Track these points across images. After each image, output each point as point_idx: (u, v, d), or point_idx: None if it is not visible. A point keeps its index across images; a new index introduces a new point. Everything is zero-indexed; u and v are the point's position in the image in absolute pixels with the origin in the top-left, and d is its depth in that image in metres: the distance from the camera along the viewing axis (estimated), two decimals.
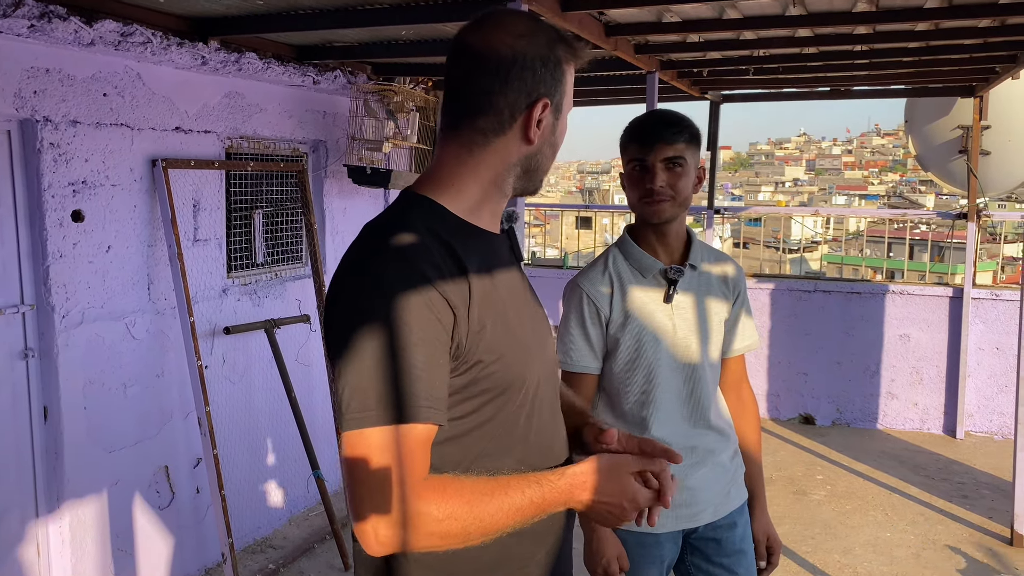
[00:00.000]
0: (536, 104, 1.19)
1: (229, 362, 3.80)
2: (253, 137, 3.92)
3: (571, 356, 1.96)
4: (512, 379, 1.18)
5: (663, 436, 1.90)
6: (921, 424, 5.83)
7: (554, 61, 1.21)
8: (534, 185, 1.28)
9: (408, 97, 4.36)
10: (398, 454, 1.04)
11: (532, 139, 1.21)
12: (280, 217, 4.18)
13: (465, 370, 1.13)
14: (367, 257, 1.12)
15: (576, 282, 1.97)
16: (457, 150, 1.22)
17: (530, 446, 1.23)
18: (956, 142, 5.65)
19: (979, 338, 5.65)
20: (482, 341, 1.13)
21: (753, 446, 2.08)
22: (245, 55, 3.51)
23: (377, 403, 1.04)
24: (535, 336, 1.28)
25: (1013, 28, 3.39)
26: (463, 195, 1.21)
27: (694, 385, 1.92)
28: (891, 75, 4.83)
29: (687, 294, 1.93)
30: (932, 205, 53.07)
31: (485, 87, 1.19)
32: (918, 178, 71.29)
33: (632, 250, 1.94)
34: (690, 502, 1.93)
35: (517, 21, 1.22)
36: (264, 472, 4.07)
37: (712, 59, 4.31)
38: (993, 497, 4.64)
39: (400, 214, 1.19)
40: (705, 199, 6.40)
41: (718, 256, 2.03)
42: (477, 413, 1.16)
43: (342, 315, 1.10)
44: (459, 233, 1.18)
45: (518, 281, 1.29)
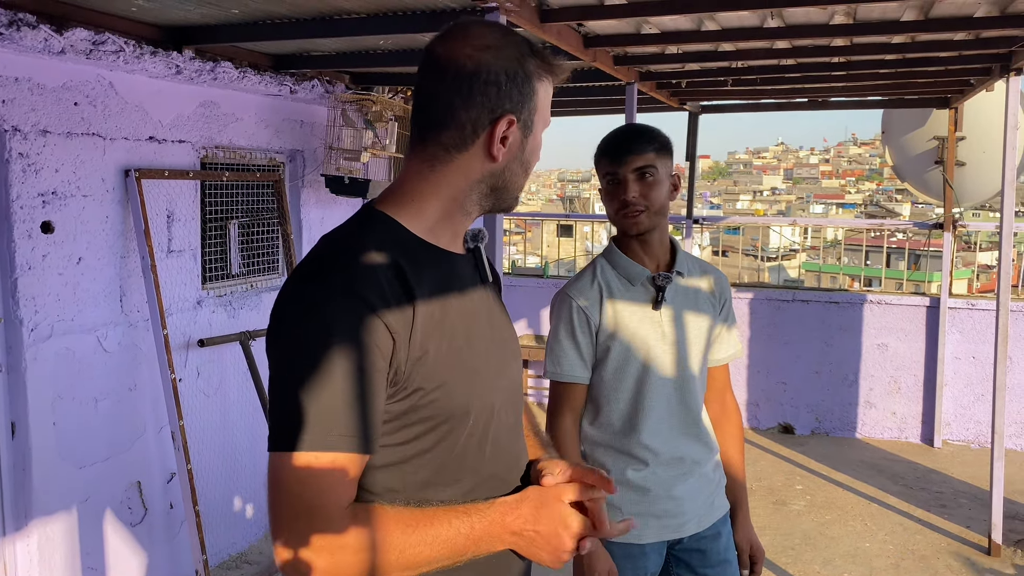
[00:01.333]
0: (500, 120, 1.14)
1: (204, 375, 3.74)
2: (229, 147, 3.87)
3: (561, 366, 1.95)
4: (454, 408, 1.13)
5: (653, 445, 1.91)
6: (899, 433, 5.85)
7: (523, 76, 1.16)
8: (505, 203, 1.24)
9: (386, 107, 4.33)
10: (317, 481, 1.01)
11: (496, 156, 1.16)
12: (256, 227, 4.13)
13: (404, 396, 1.09)
14: (311, 277, 1.09)
15: (565, 292, 1.97)
16: (419, 165, 1.18)
17: (482, 477, 1.18)
18: (932, 153, 5.69)
19: (956, 347, 5.69)
20: (423, 367, 1.09)
21: (736, 455, 2.10)
22: (220, 64, 3.47)
23: (302, 428, 1.01)
24: (493, 362, 1.23)
25: (987, 41, 3.42)
26: (423, 212, 1.17)
27: (684, 393, 1.93)
28: (868, 86, 4.86)
29: (674, 302, 1.94)
30: (908, 214, 53.70)
31: (447, 100, 1.15)
32: (894, 187, 72.06)
33: (619, 259, 1.95)
34: (676, 512, 1.93)
35: (485, 32, 1.18)
36: (239, 486, 4.00)
37: (691, 70, 4.32)
38: (971, 506, 4.67)
39: (353, 231, 1.15)
40: (684, 208, 6.41)
41: (703, 265, 2.05)
42: (418, 441, 1.12)
43: (281, 337, 1.08)
44: (413, 253, 1.14)
45: (479, 304, 1.23)
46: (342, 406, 1.02)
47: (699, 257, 2.12)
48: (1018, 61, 3.63)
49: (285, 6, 2.90)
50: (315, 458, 1.01)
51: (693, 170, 6.34)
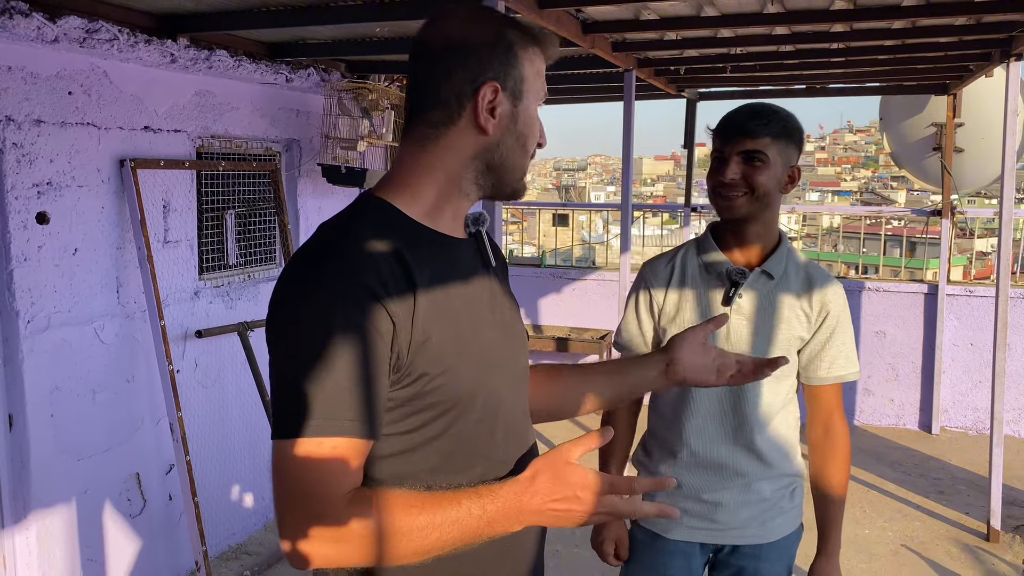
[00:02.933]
0: (482, 88, 1.12)
1: (201, 366, 3.72)
2: (224, 136, 3.84)
3: (622, 336, 1.94)
4: (461, 393, 1.12)
5: (692, 442, 1.84)
6: (897, 420, 5.86)
7: (504, 45, 1.14)
8: (508, 186, 1.20)
9: (383, 95, 4.29)
10: (321, 468, 1.01)
11: (485, 127, 1.13)
12: (253, 217, 4.11)
13: (409, 383, 1.08)
14: (309, 264, 1.08)
15: (642, 267, 1.94)
16: (412, 147, 1.17)
17: (493, 463, 1.17)
18: (930, 139, 5.68)
19: (953, 334, 5.69)
20: (427, 353, 1.08)
21: (836, 486, 1.89)
22: (216, 52, 3.43)
23: (304, 414, 1.01)
24: (499, 348, 1.21)
25: (988, 26, 3.40)
26: (419, 196, 1.16)
27: (739, 400, 1.80)
28: (866, 73, 4.84)
29: (756, 302, 1.80)
30: (903, 201, 53.75)
31: (429, 79, 1.14)
32: (890, 174, 72.11)
33: (707, 245, 1.85)
34: (708, 516, 1.85)
35: (462, 10, 1.18)
36: (238, 477, 3.99)
37: (689, 57, 4.29)
38: (969, 493, 4.68)
39: (351, 218, 1.15)
40: (683, 196, 6.38)
41: (811, 272, 1.83)
42: (426, 428, 1.11)
43: (280, 324, 1.07)
44: (412, 239, 1.12)
45: (483, 289, 1.22)
46: (344, 391, 1.02)
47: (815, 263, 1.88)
48: (1018, 46, 3.61)
49: None
50: (317, 444, 1.01)
51: (691, 158, 6.32)
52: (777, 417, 1.84)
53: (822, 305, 1.80)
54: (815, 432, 1.89)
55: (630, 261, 4.82)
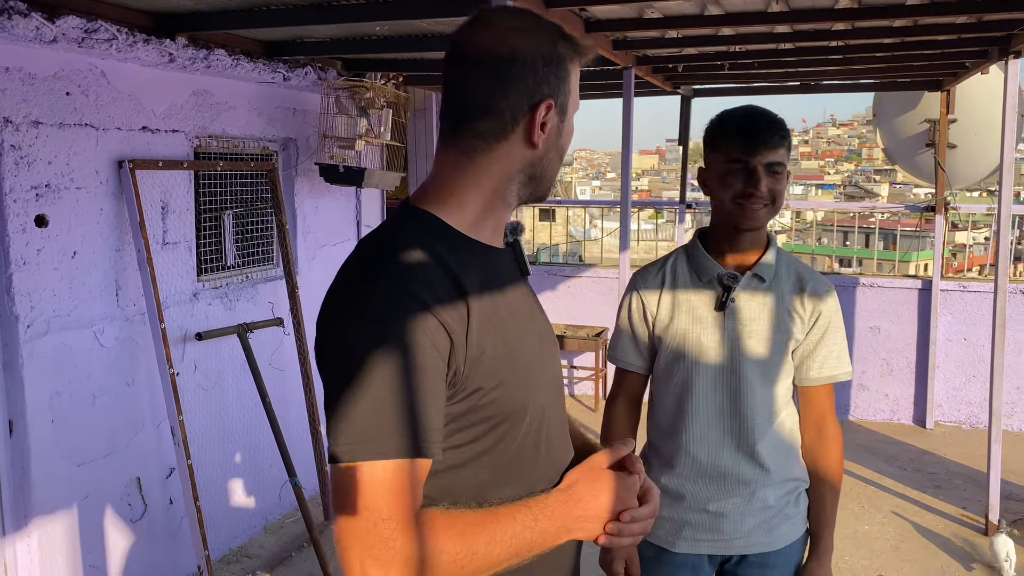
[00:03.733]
0: (539, 105, 1.11)
1: (201, 369, 3.68)
2: (222, 136, 3.80)
3: (617, 350, 1.92)
4: (514, 406, 1.12)
5: (693, 452, 1.82)
6: (892, 415, 5.90)
7: (557, 59, 1.12)
8: (541, 192, 1.21)
9: (379, 93, 4.26)
10: (387, 490, 0.98)
11: (536, 143, 1.12)
12: (250, 218, 4.07)
13: (463, 397, 1.07)
14: (359, 280, 1.06)
15: (632, 278, 1.93)
16: (457, 157, 1.14)
17: (538, 475, 1.16)
18: (923, 135, 5.70)
19: (947, 329, 5.73)
20: (481, 367, 1.07)
21: (829, 488, 1.88)
22: (214, 52, 3.39)
23: (368, 436, 0.98)
24: (539, 357, 1.21)
25: (987, 24, 3.41)
26: (464, 207, 1.14)
27: (739, 406, 1.79)
28: (862, 70, 4.85)
29: (749, 306, 1.79)
30: (886, 194, 54.05)
31: (482, 89, 1.11)
32: (872, 168, 72.51)
33: (696, 252, 1.84)
34: (713, 527, 1.83)
35: (515, 18, 1.16)
36: (239, 480, 3.96)
37: (688, 55, 4.29)
38: (965, 487, 4.71)
39: (395, 230, 1.12)
40: (677, 194, 6.38)
41: (803, 273, 1.84)
42: (477, 442, 1.10)
43: (334, 343, 1.04)
44: (459, 250, 1.10)
45: (522, 298, 1.22)
46: (405, 412, 1.00)
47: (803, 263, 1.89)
48: (1017, 44, 3.62)
49: None
50: (382, 468, 0.99)
51: (686, 154, 6.32)
52: (777, 420, 1.83)
53: (814, 305, 1.81)
54: (808, 434, 1.89)
55: (621, 254, 4.82)
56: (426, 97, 5.44)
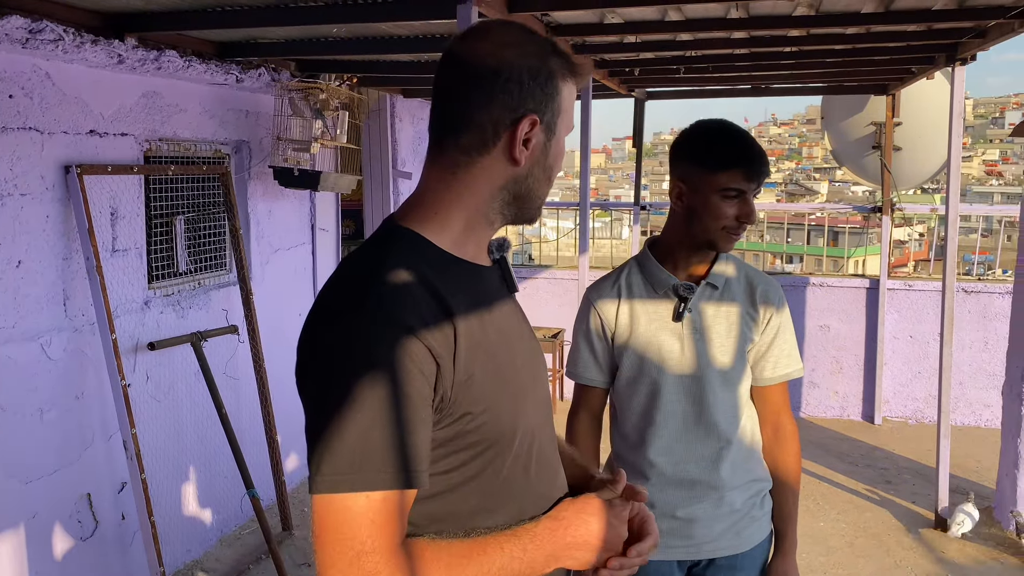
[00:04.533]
0: (522, 121, 1.08)
1: (153, 379, 3.57)
2: (173, 139, 3.69)
3: (577, 367, 1.91)
4: (503, 430, 1.09)
5: (661, 463, 1.82)
6: (841, 412, 6.03)
7: (546, 74, 1.09)
8: (527, 214, 1.17)
9: (334, 95, 4.19)
10: (371, 521, 0.96)
11: (518, 159, 1.09)
12: (203, 223, 3.97)
13: (450, 423, 1.04)
14: (343, 304, 1.02)
15: (587, 292, 1.91)
16: (440, 172, 1.12)
17: (529, 498, 1.14)
18: (869, 138, 5.83)
19: (894, 327, 5.87)
20: (469, 391, 1.04)
21: (790, 484, 1.91)
22: (165, 53, 3.29)
23: (350, 467, 0.95)
24: (530, 377, 1.19)
25: (937, 32, 3.49)
26: (448, 225, 1.11)
27: (703, 413, 1.81)
28: (812, 74, 4.94)
29: (704, 313, 1.81)
30: (825, 191, 55.40)
31: (467, 100, 1.09)
32: (812, 166, 74.16)
33: (648, 264, 1.85)
34: (683, 533, 1.84)
35: (506, 31, 1.13)
36: (194, 492, 3.86)
37: (644, 59, 4.30)
38: (914, 482, 4.83)
39: (379, 251, 1.08)
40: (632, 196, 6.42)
41: (751, 276, 1.87)
42: (465, 467, 1.07)
43: (316, 368, 1.01)
44: (444, 270, 1.08)
45: (510, 316, 1.19)
46: (389, 440, 0.97)
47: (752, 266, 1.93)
48: (964, 51, 3.72)
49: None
50: (366, 499, 0.96)
51: (640, 156, 6.36)
52: (740, 423, 1.86)
53: (766, 307, 1.84)
54: (765, 433, 1.91)
55: (580, 257, 4.83)
56: (380, 98, 5.37)
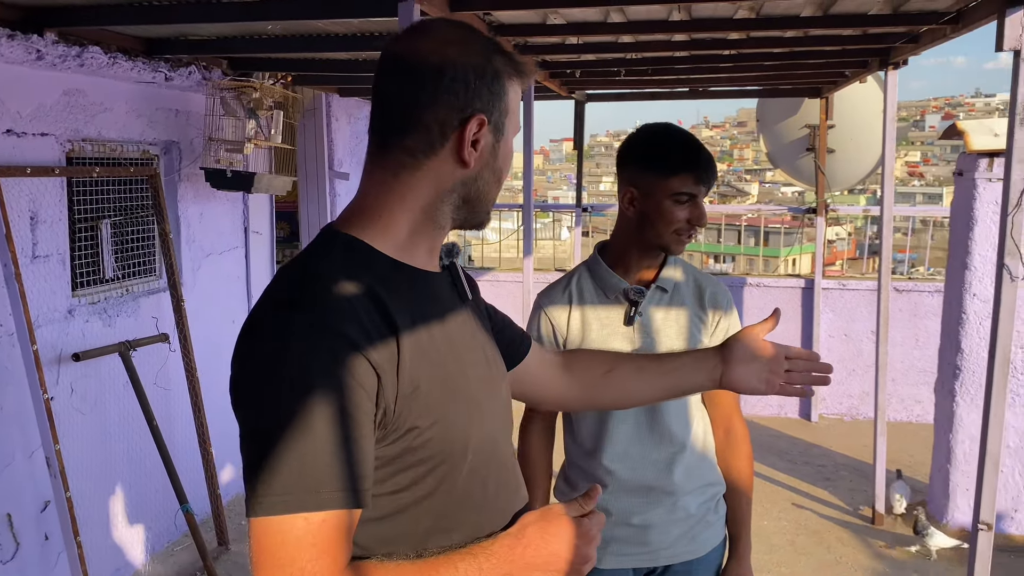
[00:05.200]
0: (470, 120, 1.04)
1: (79, 391, 3.40)
2: (97, 139, 3.53)
3: None
4: (454, 444, 1.04)
5: (616, 469, 1.80)
6: (779, 410, 6.12)
7: (492, 73, 1.06)
8: (477, 218, 1.14)
9: (267, 93, 4.07)
10: (312, 545, 0.90)
11: (467, 161, 1.05)
12: (131, 227, 3.80)
13: (396, 438, 0.99)
14: (278, 315, 0.97)
15: (537, 298, 1.87)
16: (382, 175, 1.07)
17: (486, 515, 1.09)
18: (804, 140, 5.94)
19: (829, 326, 5.99)
20: (415, 404, 0.99)
21: (743, 486, 1.92)
22: (88, 49, 3.13)
23: (286, 487, 0.90)
24: (488, 386, 1.14)
25: (871, 37, 3.56)
26: (392, 229, 1.06)
27: (656, 416, 1.79)
28: (749, 77, 5.00)
29: (655, 317, 1.80)
30: (756, 192, 56.80)
31: (411, 101, 1.04)
32: (743, 168, 75.87)
33: (599, 269, 1.83)
34: (638, 540, 1.82)
35: (448, 29, 1.09)
36: (124, 509, 3.69)
37: (586, 60, 4.29)
38: (852, 478, 4.93)
39: (318, 258, 1.03)
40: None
41: (699, 278, 1.88)
42: (416, 486, 1.02)
43: (251, 383, 0.96)
44: (388, 277, 1.03)
45: (464, 325, 1.14)
46: (329, 458, 0.91)
47: (699, 268, 1.96)
48: (896, 56, 3.80)
49: None
50: (305, 520, 0.90)
51: (581, 159, 6.36)
52: (693, 427, 1.85)
53: (715, 308, 1.85)
54: (717, 436, 1.92)
55: (525, 259, 4.80)
56: (316, 97, 5.25)
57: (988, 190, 3.90)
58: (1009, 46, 2.36)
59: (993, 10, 2.54)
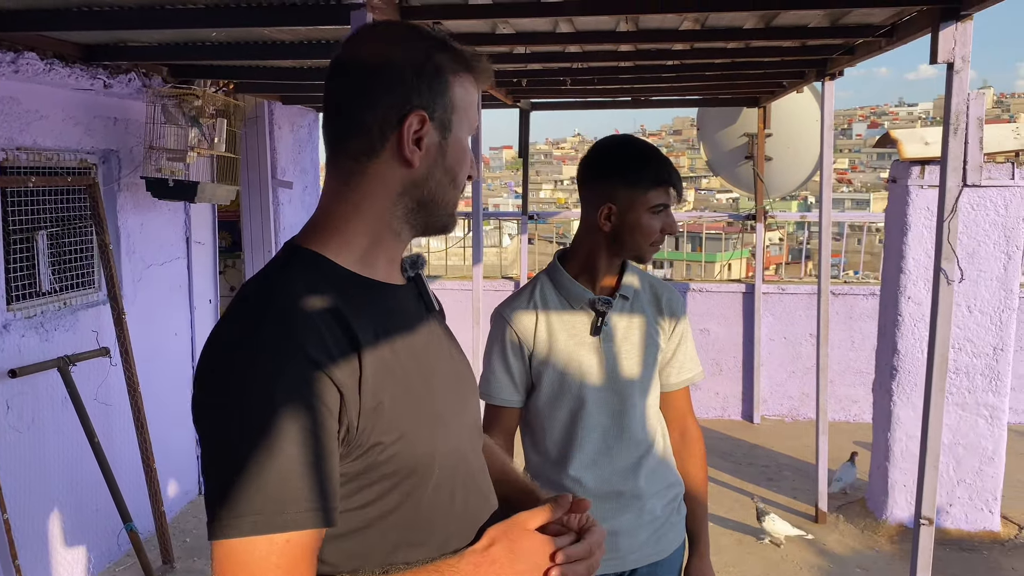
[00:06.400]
0: (408, 117, 1.03)
1: (15, 409, 3.28)
2: (33, 148, 3.41)
3: (491, 387, 1.85)
4: (419, 459, 1.02)
5: (585, 478, 1.80)
6: (723, 412, 6.24)
7: (432, 69, 1.04)
8: (438, 221, 1.11)
9: (209, 101, 3.99)
10: (275, 566, 0.89)
11: (411, 161, 1.04)
12: (68, 238, 3.68)
13: (360, 454, 0.98)
14: (238, 334, 0.96)
15: (500, 310, 1.86)
16: (335, 184, 1.07)
17: (454, 529, 1.08)
18: (743, 149, 6.09)
19: (769, 329, 6.14)
20: (379, 420, 0.98)
21: (698, 486, 1.95)
22: (23, 55, 3.04)
23: (249, 508, 0.89)
24: (456, 399, 1.13)
25: (810, 48, 3.67)
26: (350, 242, 1.05)
27: (624, 425, 1.81)
28: (690, 87, 5.10)
29: (618, 325, 1.82)
30: (692, 199, 57.87)
31: (352, 103, 1.04)
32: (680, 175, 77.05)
33: (562, 279, 1.83)
34: (608, 546, 1.84)
35: (391, 29, 1.10)
36: (64, 530, 3.56)
37: (532, 70, 4.33)
38: (794, 478, 5.05)
39: (276, 276, 1.02)
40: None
41: (654, 284, 1.91)
42: (381, 501, 1.01)
43: (211, 401, 0.95)
44: (350, 291, 1.02)
45: (430, 338, 1.13)
46: (293, 478, 0.90)
47: (651, 274, 1.99)
48: (833, 67, 3.92)
49: None
50: (269, 542, 0.89)
51: (526, 167, 6.39)
52: (654, 431, 1.88)
53: (672, 313, 1.89)
54: (672, 437, 1.95)
55: (474, 267, 4.80)
56: (258, 105, 5.17)
57: (920, 196, 4.05)
58: (943, 59, 2.47)
59: (927, 24, 2.65)
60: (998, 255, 4.05)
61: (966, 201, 4.00)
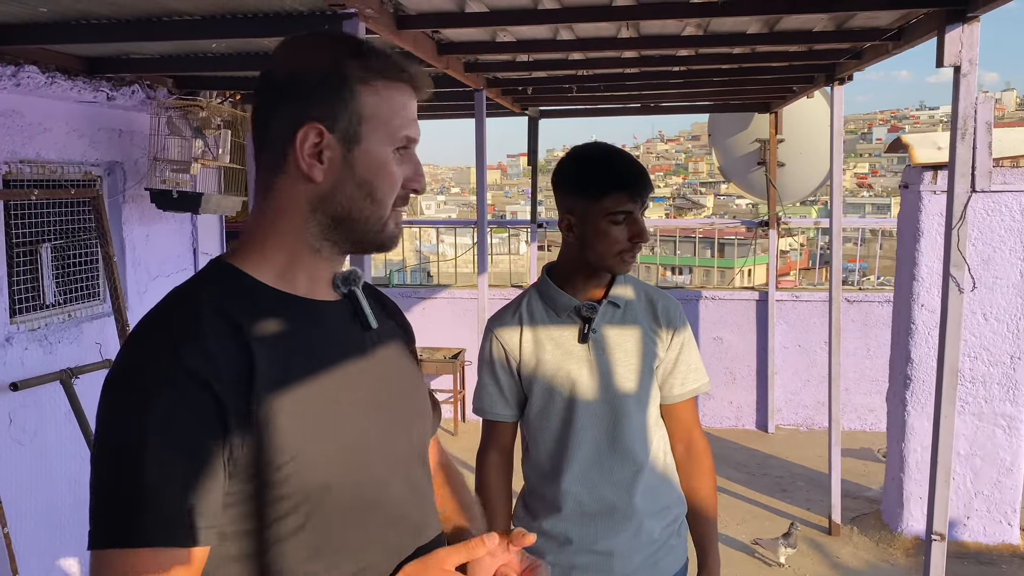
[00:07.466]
0: (299, 130, 0.99)
1: (18, 422, 3.28)
2: (37, 161, 3.42)
3: (483, 402, 1.83)
4: (315, 482, 0.97)
5: (577, 492, 1.75)
6: (736, 421, 6.16)
7: (336, 79, 0.99)
8: (363, 238, 1.05)
9: (215, 112, 4.00)
10: None
11: (311, 175, 0.99)
12: (73, 250, 3.69)
13: (253, 472, 0.94)
14: (135, 340, 0.96)
15: (488, 324, 1.83)
16: (257, 200, 1.05)
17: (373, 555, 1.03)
18: (755, 154, 6.01)
19: (783, 337, 6.05)
20: (270, 440, 0.94)
21: (706, 502, 1.86)
22: (24, 68, 3.05)
23: (123, 520, 0.88)
24: (381, 423, 1.06)
25: (817, 53, 3.61)
26: (268, 256, 1.02)
27: (618, 437, 1.75)
28: (699, 93, 5.05)
29: (609, 334, 1.76)
30: (711, 205, 57.67)
31: (260, 115, 1.02)
32: (698, 180, 76.97)
33: (548, 289, 1.79)
34: (602, 567, 1.77)
35: (305, 39, 1.06)
36: (67, 544, 3.56)
37: (537, 77, 4.30)
38: (808, 489, 4.97)
39: (187, 285, 1.02)
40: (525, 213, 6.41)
41: (650, 293, 1.84)
42: (283, 522, 0.96)
43: (100, 408, 0.94)
44: (258, 306, 0.99)
45: (359, 356, 1.07)
46: (167, 494, 0.89)
47: (648, 283, 1.92)
48: (841, 71, 3.86)
49: (106, 6, 2.57)
50: (136, 555, 0.88)
51: (535, 174, 6.36)
52: (653, 445, 1.81)
53: (668, 322, 1.81)
54: (677, 451, 1.87)
55: (480, 277, 4.77)
56: None
57: (933, 202, 3.97)
58: (949, 62, 2.41)
59: (933, 27, 2.59)
60: (1014, 261, 3.97)
61: (981, 206, 3.91)
